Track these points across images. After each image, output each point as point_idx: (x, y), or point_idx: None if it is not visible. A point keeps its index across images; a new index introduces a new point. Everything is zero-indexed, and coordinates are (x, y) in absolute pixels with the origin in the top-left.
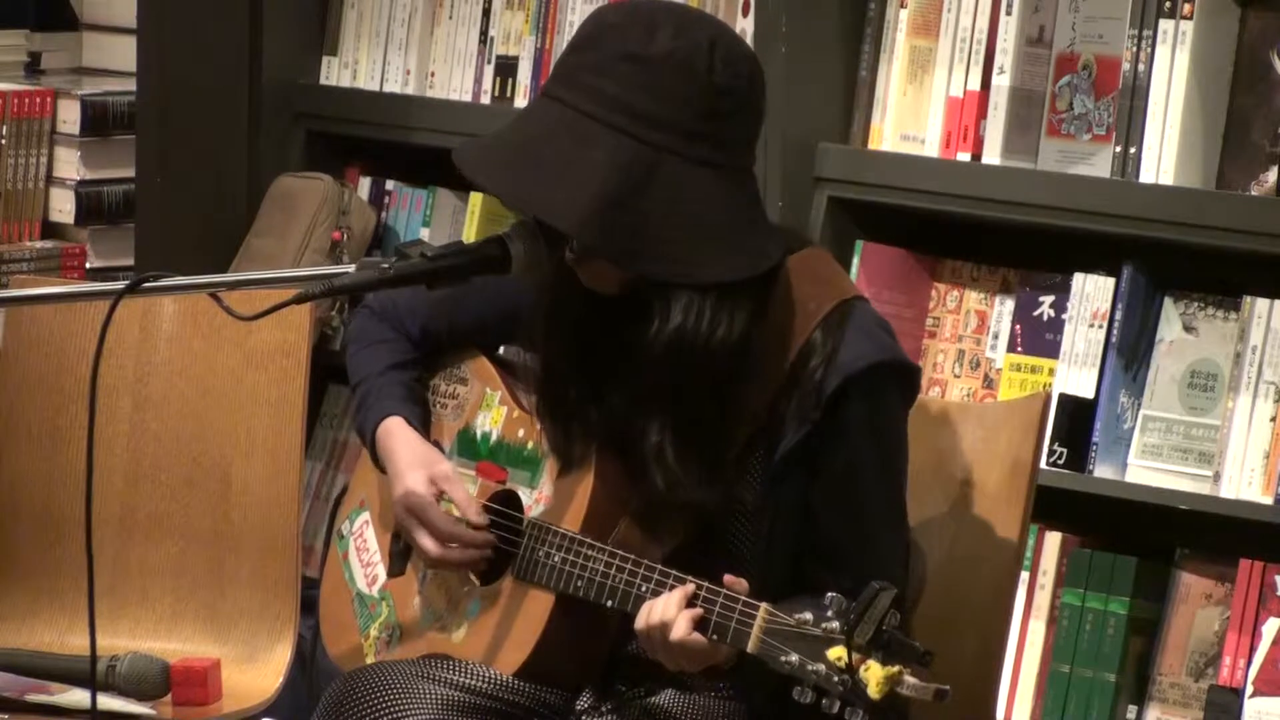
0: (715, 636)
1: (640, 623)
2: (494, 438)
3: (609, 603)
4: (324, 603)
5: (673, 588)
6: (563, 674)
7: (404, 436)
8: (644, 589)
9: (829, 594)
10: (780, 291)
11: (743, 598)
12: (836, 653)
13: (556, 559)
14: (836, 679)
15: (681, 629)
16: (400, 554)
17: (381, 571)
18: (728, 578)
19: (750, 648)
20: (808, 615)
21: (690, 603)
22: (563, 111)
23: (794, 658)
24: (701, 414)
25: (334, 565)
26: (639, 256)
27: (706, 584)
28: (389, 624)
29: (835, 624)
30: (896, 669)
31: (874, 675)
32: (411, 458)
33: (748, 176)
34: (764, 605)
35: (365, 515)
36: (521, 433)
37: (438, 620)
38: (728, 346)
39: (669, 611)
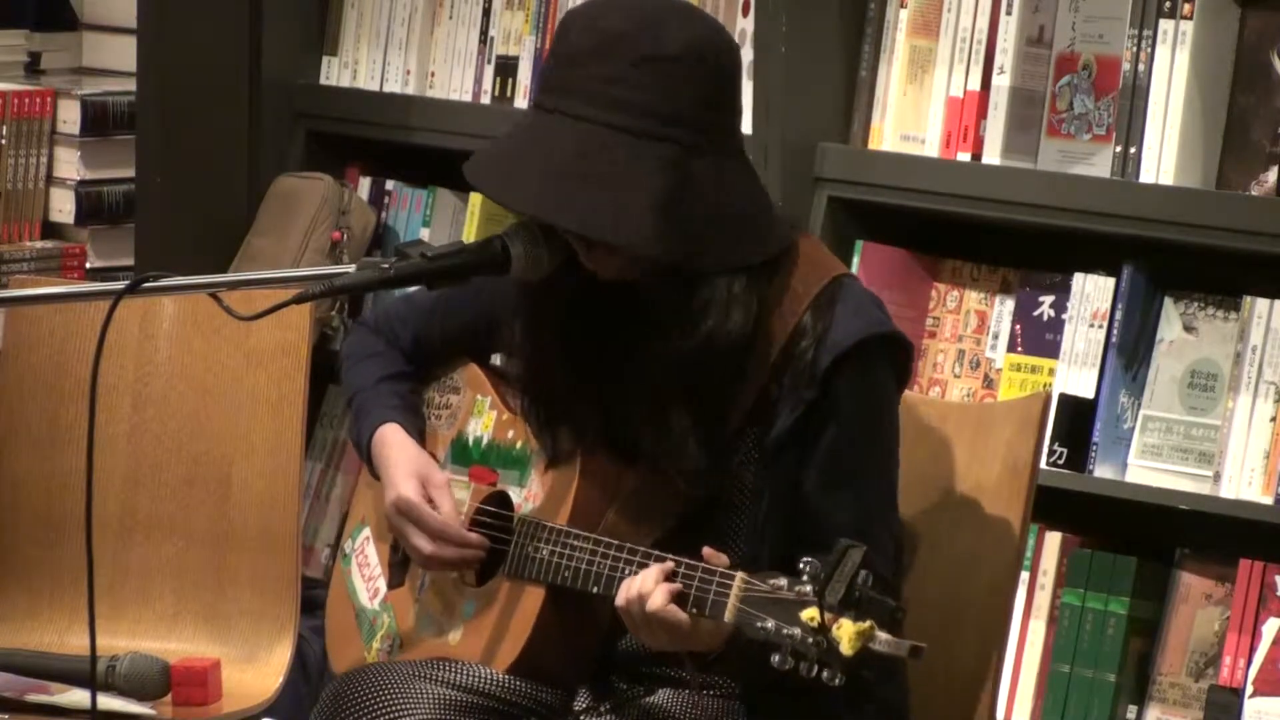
0: (694, 610)
1: (620, 599)
2: (485, 442)
3: (594, 589)
4: (329, 622)
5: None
6: (557, 668)
7: (399, 443)
8: (628, 572)
9: (804, 559)
10: (773, 275)
11: (720, 569)
12: (809, 614)
13: (545, 553)
14: (811, 641)
15: (658, 600)
16: (399, 565)
17: (383, 584)
18: (707, 550)
19: (727, 617)
20: (782, 580)
21: (669, 578)
22: (590, 128)
23: (770, 624)
24: (719, 398)
25: (338, 584)
26: (693, 256)
27: (685, 560)
28: (390, 634)
29: (809, 587)
30: (868, 624)
31: (846, 633)
32: (406, 465)
33: (746, 159)
34: (740, 574)
35: (366, 531)
36: (511, 433)
37: (435, 625)
38: (746, 329)
39: (646, 584)
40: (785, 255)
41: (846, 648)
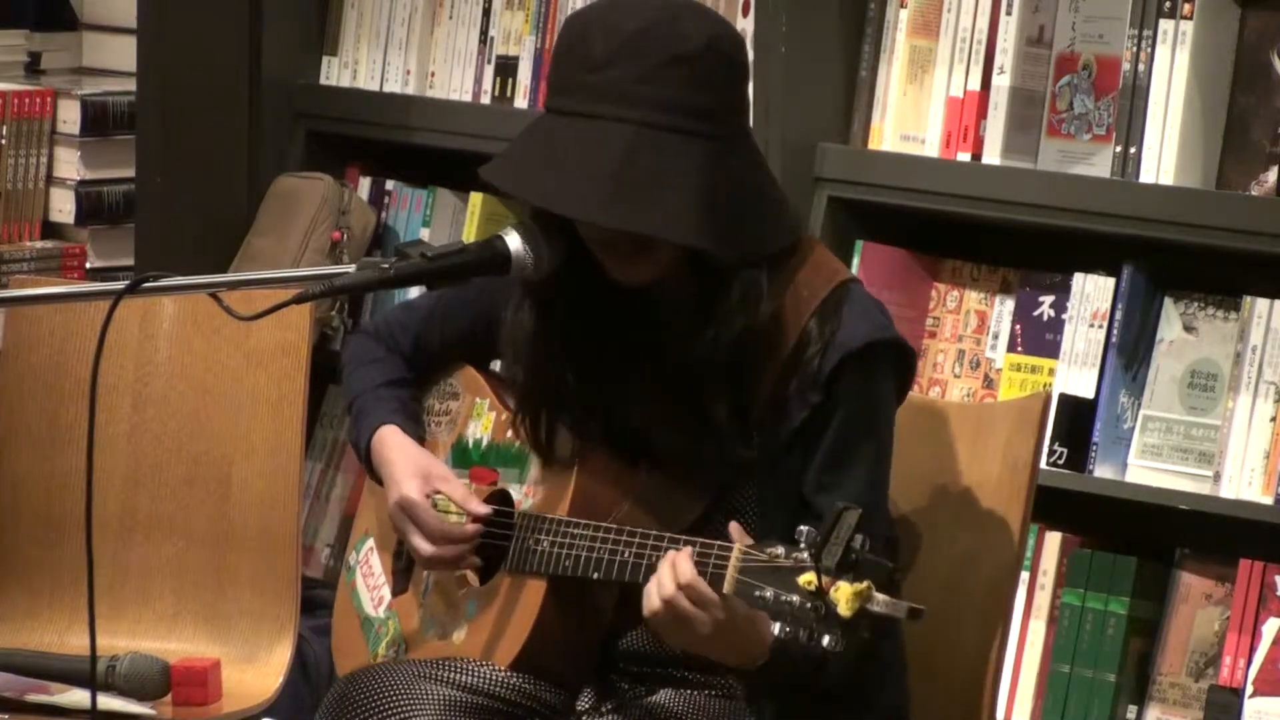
0: None
1: (649, 601)
2: (485, 443)
3: (595, 574)
4: (335, 634)
5: (654, 548)
6: (559, 663)
7: (398, 444)
8: (626, 554)
9: (800, 527)
10: (777, 278)
11: (719, 541)
12: (807, 579)
13: (546, 544)
14: (809, 606)
15: (685, 569)
16: (403, 571)
17: (387, 592)
18: (733, 526)
19: (726, 588)
20: (780, 549)
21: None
22: (628, 129)
23: (769, 592)
24: (743, 393)
25: (343, 596)
26: (733, 246)
27: (683, 537)
28: (395, 640)
29: (806, 553)
30: (865, 585)
31: (844, 594)
32: (407, 464)
33: (758, 146)
34: (738, 544)
35: (370, 543)
36: (510, 433)
37: (439, 626)
38: (766, 322)
39: (676, 561)
40: (793, 254)
41: (844, 609)
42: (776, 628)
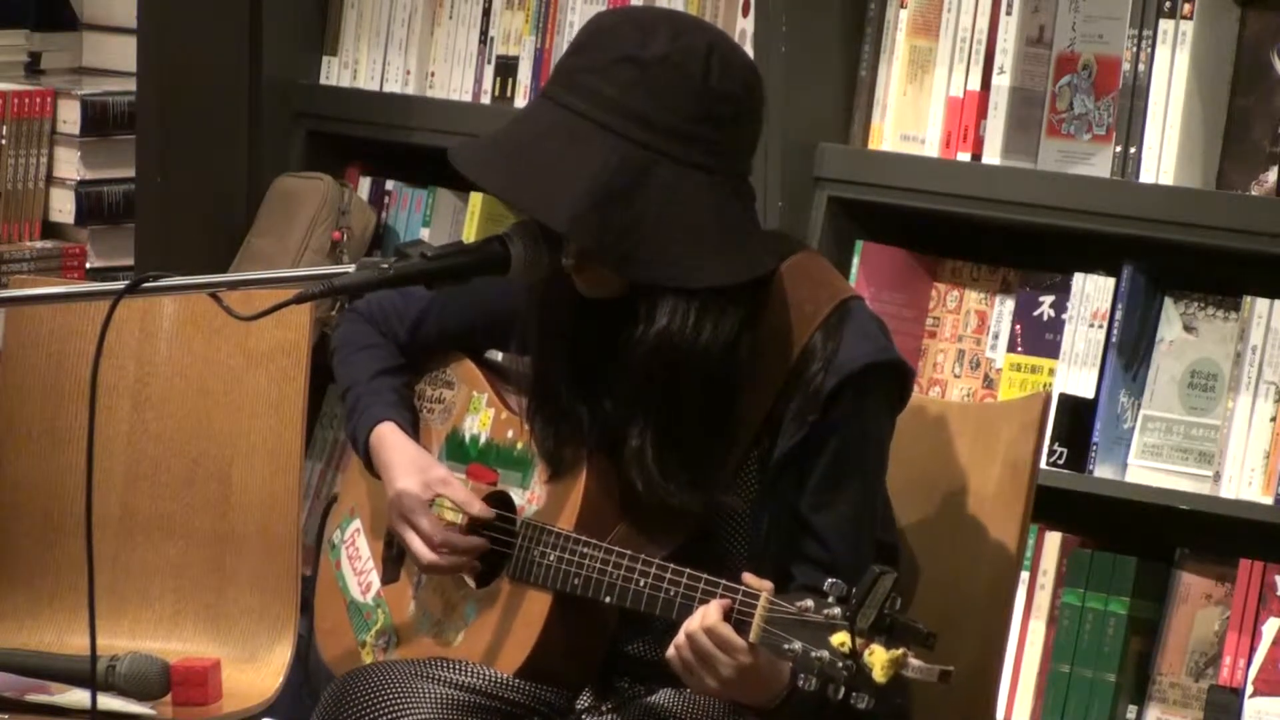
0: None
1: (678, 644)
2: (483, 440)
3: (607, 598)
4: (318, 614)
5: (672, 581)
6: (563, 673)
7: (398, 442)
8: (642, 584)
9: (829, 580)
10: (777, 296)
11: (743, 587)
12: (840, 638)
13: (552, 558)
14: (841, 665)
15: (713, 615)
16: (394, 560)
17: (375, 579)
18: (747, 577)
19: (752, 637)
20: (809, 602)
21: (703, 600)
22: (559, 112)
23: (797, 645)
24: (687, 418)
25: (327, 575)
26: (630, 258)
27: (706, 576)
28: (385, 630)
29: (837, 610)
30: (901, 652)
31: (879, 659)
32: (407, 463)
33: (743, 184)
34: (765, 594)
35: (356, 523)
36: (510, 434)
37: (434, 625)
38: (714, 351)
39: (705, 611)
40: (780, 277)
41: (879, 674)
42: (801, 679)
